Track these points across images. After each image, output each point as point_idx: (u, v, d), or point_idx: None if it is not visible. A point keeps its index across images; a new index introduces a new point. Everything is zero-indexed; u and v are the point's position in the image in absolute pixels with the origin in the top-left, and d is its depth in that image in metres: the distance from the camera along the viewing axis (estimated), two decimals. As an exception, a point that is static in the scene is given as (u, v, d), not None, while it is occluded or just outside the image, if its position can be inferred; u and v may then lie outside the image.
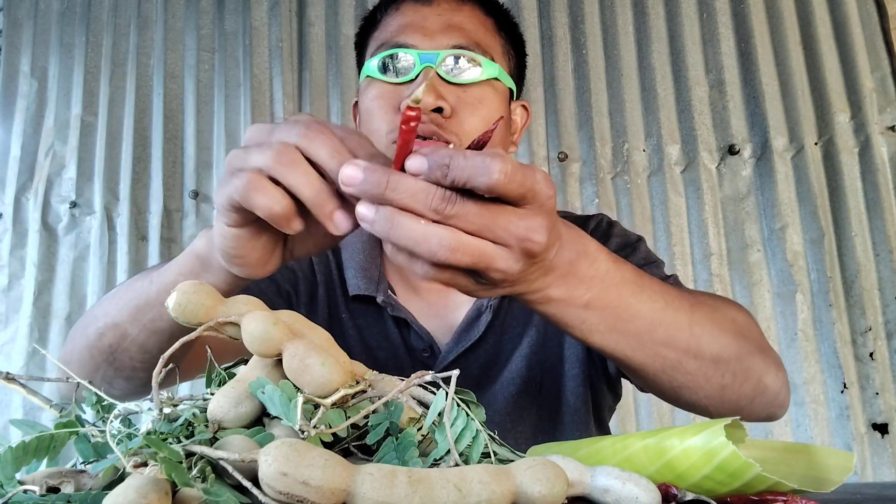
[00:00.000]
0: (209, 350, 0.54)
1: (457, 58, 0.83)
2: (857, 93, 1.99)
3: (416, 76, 0.81)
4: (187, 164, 2.22)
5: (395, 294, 0.92)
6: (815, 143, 2.02)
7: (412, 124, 0.45)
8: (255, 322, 0.45)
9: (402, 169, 0.45)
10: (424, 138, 0.80)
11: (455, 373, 0.44)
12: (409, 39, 0.84)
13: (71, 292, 2.13)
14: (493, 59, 0.86)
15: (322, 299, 0.93)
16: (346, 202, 0.48)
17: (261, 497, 0.34)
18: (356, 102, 0.96)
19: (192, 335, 0.46)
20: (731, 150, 2.05)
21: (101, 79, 2.26)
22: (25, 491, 0.38)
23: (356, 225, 0.47)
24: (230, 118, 2.21)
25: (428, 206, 0.43)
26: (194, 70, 2.25)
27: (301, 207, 0.48)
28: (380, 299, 0.90)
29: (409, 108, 0.44)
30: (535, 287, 0.50)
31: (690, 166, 2.06)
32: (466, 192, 0.44)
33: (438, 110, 0.81)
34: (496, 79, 0.86)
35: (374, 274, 0.92)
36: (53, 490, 0.39)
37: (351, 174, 0.44)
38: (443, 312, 0.93)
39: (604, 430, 0.99)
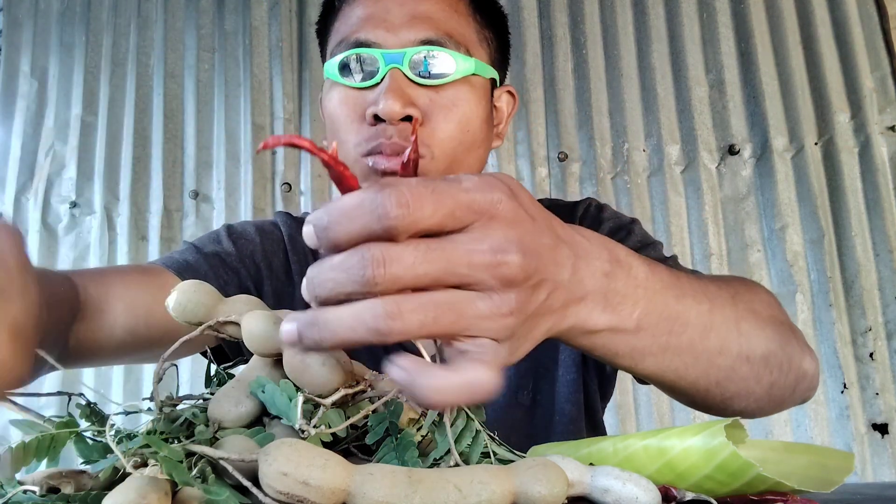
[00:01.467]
0: (209, 350, 0.54)
1: (426, 55, 0.74)
2: (857, 93, 1.99)
3: (382, 79, 0.73)
4: (187, 164, 2.22)
5: None
6: (815, 143, 2.02)
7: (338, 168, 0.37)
8: (256, 321, 0.45)
9: None
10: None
11: (455, 373, 0.44)
12: (370, 36, 0.75)
13: (71, 292, 2.12)
14: (468, 52, 0.77)
15: (299, 302, 0.84)
16: None
17: (261, 497, 0.34)
18: (321, 99, 0.85)
19: (193, 334, 0.46)
20: (731, 150, 2.05)
21: (101, 79, 2.26)
22: (25, 491, 0.38)
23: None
24: (230, 118, 2.21)
25: (349, 283, 0.33)
26: (194, 70, 2.25)
27: None
28: None
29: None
30: (570, 320, 0.40)
31: (690, 166, 2.06)
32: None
33: (408, 119, 0.72)
34: (473, 73, 0.77)
35: None
36: (53, 490, 0.39)
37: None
38: None
39: (599, 433, 0.93)
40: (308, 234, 0.34)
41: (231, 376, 0.50)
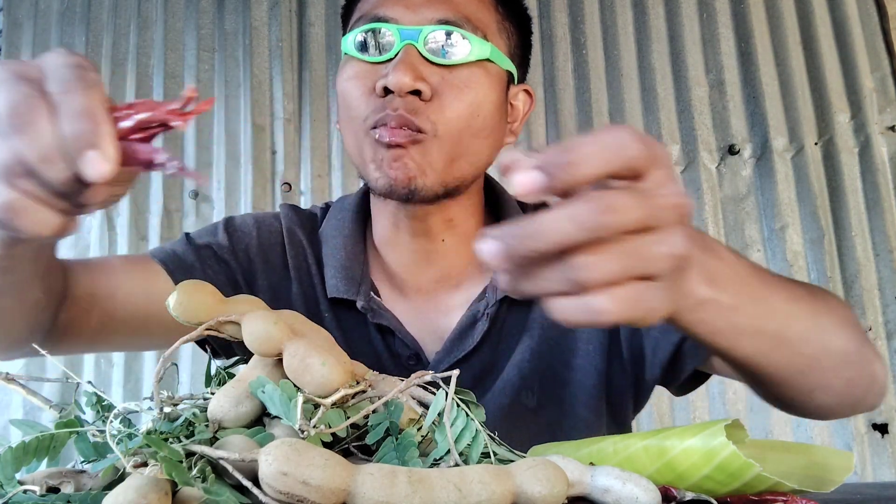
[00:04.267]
0: (208, 349, 0.54)
1: (444, 34, 0.73)
2: (857, 93, 1.99)
3: (396, 54, 0.72)
4: (187, 164, 2.22)
5: (378, 296, 0.83)
6: (815, 143, 2.02)
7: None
8: (256, 321, 0.45)
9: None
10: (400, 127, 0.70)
11: (455, 373, 0.44)
12: (389, 12, 0.74)
13: (71, 292, 2.12)
14: (485, 38, 0.76)
15: (297, 297, 0.83)
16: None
17: (261, 497, 0.34)
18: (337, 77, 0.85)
19: (193, 334, 0.46)
20: (731, 150, 2.05)
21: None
22: (25, 491, 0.38)
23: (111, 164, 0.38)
24: (230, 118, 2.21)
25: (579, 231, 0.34)
26: (194, 70, 2.25)
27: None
28: (360, 305, 0.80)
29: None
30: (688, 284, 0.42)
31: (690, 166, 2.06)
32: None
33: (416, 93, 0.71)
34: (488, 59, 0.76)
35: (356, 273, 0.82)
36: (53, 490, 0.39)
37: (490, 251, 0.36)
38: (432, 316, 0.83)
39: None
40: (532, 177, 0.35)
41: (231, 376, 0.50)
